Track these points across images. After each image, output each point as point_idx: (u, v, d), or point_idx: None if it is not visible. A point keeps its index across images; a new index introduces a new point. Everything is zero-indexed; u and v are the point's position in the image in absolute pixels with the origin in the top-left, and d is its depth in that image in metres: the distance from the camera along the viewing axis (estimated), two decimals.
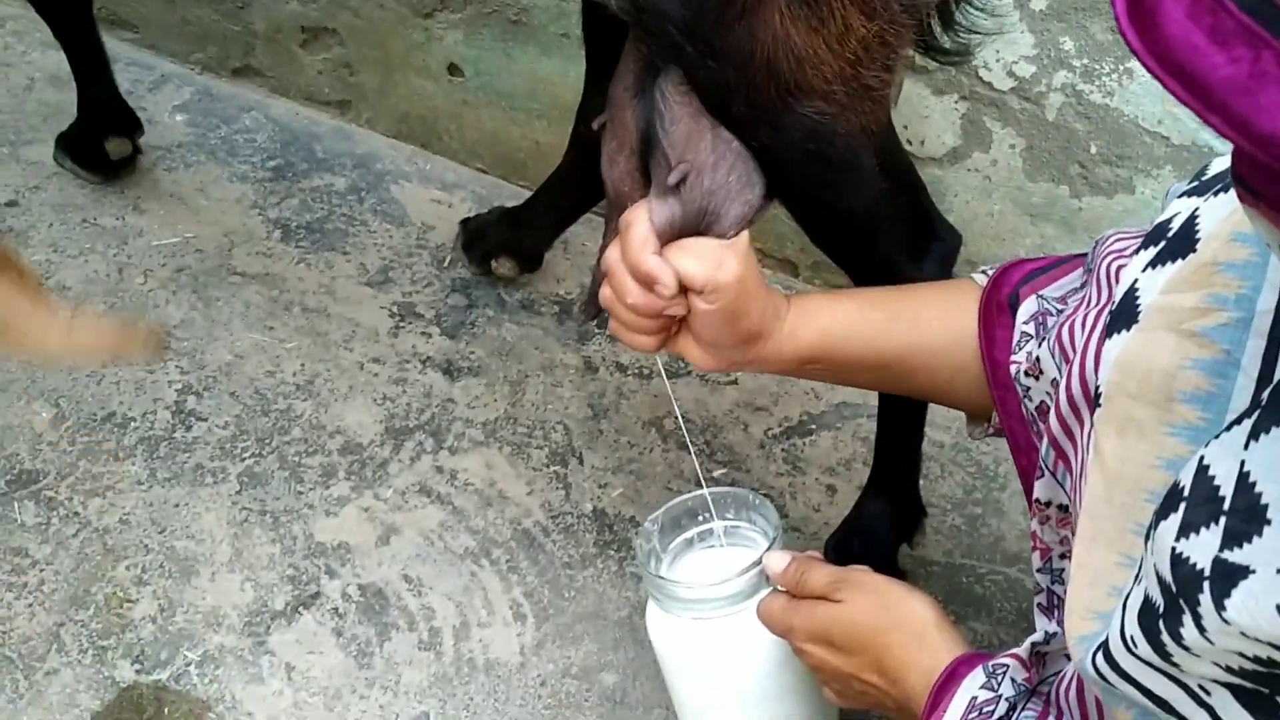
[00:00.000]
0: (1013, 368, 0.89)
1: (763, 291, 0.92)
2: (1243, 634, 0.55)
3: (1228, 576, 0.56)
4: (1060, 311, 0.89)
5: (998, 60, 1.36)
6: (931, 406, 1.16)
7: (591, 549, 1.29)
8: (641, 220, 0.88)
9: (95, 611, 1.21)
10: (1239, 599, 0.55)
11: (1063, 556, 0.86)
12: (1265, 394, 0.61)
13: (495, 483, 1.35)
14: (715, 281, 0.87)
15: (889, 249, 1.03)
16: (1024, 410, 0.89)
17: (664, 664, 1.02)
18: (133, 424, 1.37)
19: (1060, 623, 0.85)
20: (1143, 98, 1.32)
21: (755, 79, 0.87)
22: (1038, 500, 0.84)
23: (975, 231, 1.48)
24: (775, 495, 1.36)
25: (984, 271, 0.97)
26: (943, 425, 1.39)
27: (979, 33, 1.09)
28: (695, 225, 0.89)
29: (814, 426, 1.43)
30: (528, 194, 1.56)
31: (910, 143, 1.45)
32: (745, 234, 0.91)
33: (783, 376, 1.42)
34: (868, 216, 0.99)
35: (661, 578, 0.98)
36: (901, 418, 1.16)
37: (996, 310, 0.92)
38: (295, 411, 1.39)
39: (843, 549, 1.19)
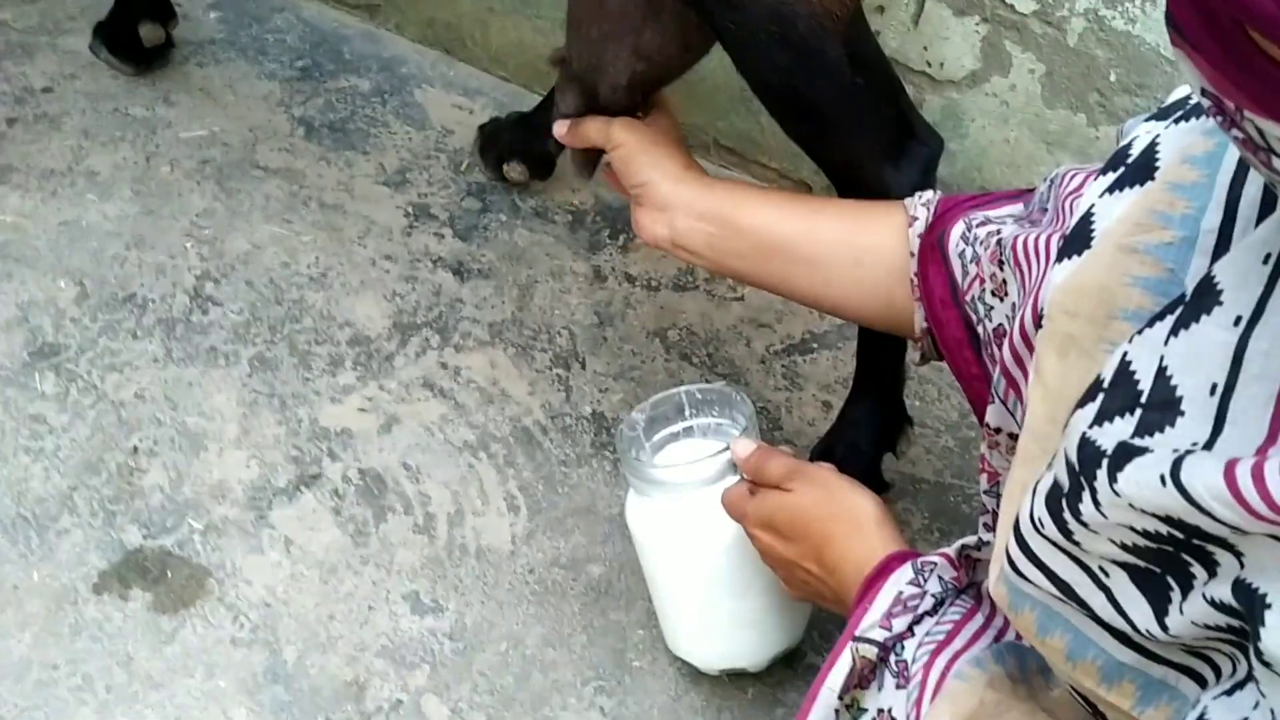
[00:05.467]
0: (972, 290, 0.90)
1: (664, 144, 1.07)
2: (1130, 505, 0.57)
3: (1126, 455, 0.58)
4: (987, 222, 0.90)
5: None
6: None
7: (588, 449, 1.32)
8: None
9: (107, 478, 1.26)
10: (1130, 472, 0.57)
11: None
12: (1189, 291, 0.62)
13: (497, 381, 1.38)
14: (608, 135, 1.07)
15: (863, 146, 1.03)
16: (980, 333, 0.90)
17: (639, 547, 1.06)
18: (151, 305, 1.42)
19: None
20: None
21: None
22: (987, 425, 0.85)
23: (991, 158, 1.48)
24: (772, 408, 1.38)
25: (917, 195, 0.98)
26: None
27: None
28: (589, 83, 1.07)
29: (815, 345, 1.45)
30: None
31: (930, 64, 1.45)
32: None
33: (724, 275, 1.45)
34: (837, 108, 1.00)
35: (638, 460, 1.02)
36: None
37: (929, 250, 0.93)
38: (307, 302, 1.43)
39: (826, 454, 1.21)
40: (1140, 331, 0.63)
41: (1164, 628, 0.60)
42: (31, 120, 1.61)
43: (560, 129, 1.11)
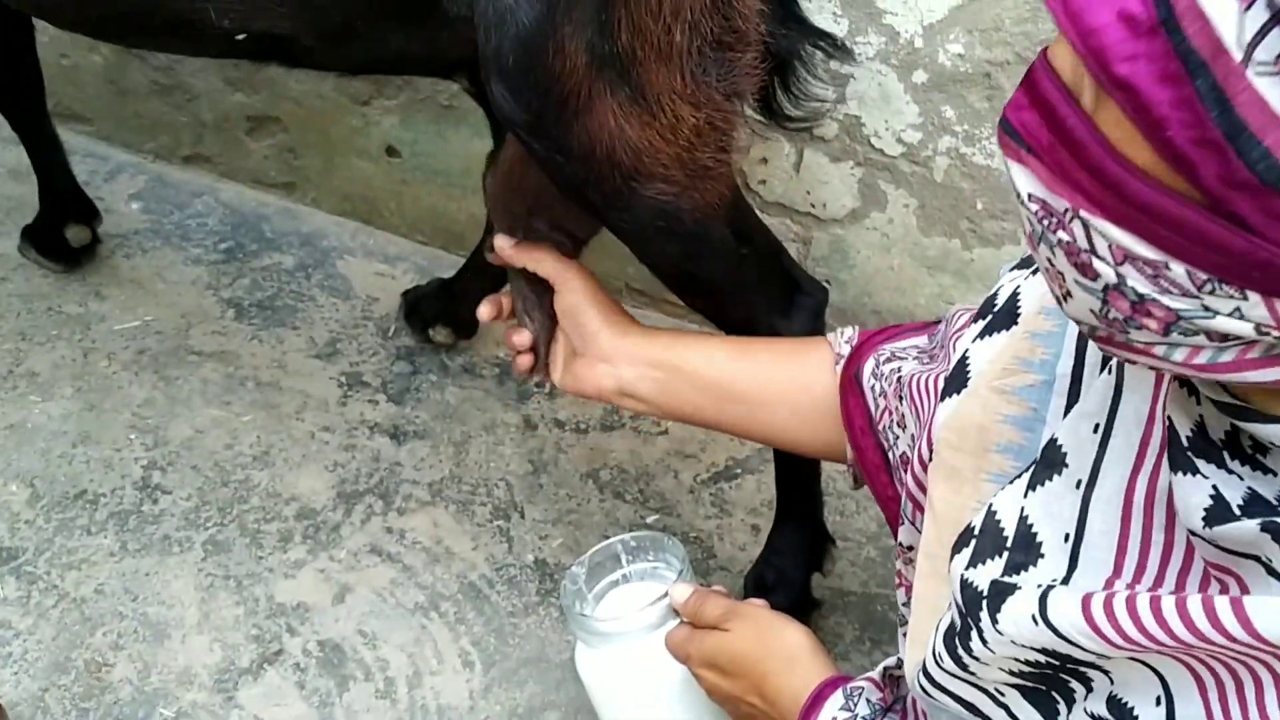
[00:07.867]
0: (883, 420, 1.01)
1: (608, 297, 1.11)
2: (1013, 642, 0.68)
3: (999, 594, 0.69)
4: (896, 358, 1.01)
5: (887, 129, 1.49)
6: None
7: (534, 597, 1.40)
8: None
9: (76, 676, 1.31)
10: (1007, 612, 0.68)
11: None
12: (1040, 451, 0.73)
13: (442, 540, 1.45)
14: (563, 275, 1.09)
15: (756, 306, 1.13)
16: (888, 459, 1.01)
17: (593, 696, 1.13)
18: (103, 500, 1.47)
19: None
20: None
21: (600, 170, 0.98)
22: (901, 544, 0.95)
23: (879, 284, 1.61)
24: (704, 537, 1.47)
25: (839, 332, 1.07)
26: None
27: (822, 100, 1.21)
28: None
29: (739, 471, 1.55)
30: None
31: (814, 206, 1.58)
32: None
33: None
34: (727, 280, 1.09)
35: (584, 615, 1.10)
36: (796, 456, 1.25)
37: (849, 383, 1.03)
38: (253, 481, 1.50)
39: (759, 584, 1.31)
40: (1003, 488, 0.74)
41: None
42: None
43: (509, 247, 1.11)
